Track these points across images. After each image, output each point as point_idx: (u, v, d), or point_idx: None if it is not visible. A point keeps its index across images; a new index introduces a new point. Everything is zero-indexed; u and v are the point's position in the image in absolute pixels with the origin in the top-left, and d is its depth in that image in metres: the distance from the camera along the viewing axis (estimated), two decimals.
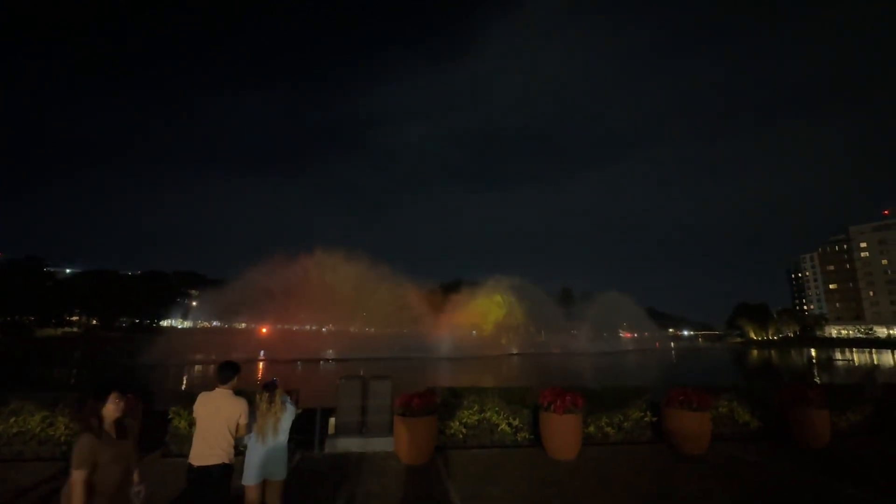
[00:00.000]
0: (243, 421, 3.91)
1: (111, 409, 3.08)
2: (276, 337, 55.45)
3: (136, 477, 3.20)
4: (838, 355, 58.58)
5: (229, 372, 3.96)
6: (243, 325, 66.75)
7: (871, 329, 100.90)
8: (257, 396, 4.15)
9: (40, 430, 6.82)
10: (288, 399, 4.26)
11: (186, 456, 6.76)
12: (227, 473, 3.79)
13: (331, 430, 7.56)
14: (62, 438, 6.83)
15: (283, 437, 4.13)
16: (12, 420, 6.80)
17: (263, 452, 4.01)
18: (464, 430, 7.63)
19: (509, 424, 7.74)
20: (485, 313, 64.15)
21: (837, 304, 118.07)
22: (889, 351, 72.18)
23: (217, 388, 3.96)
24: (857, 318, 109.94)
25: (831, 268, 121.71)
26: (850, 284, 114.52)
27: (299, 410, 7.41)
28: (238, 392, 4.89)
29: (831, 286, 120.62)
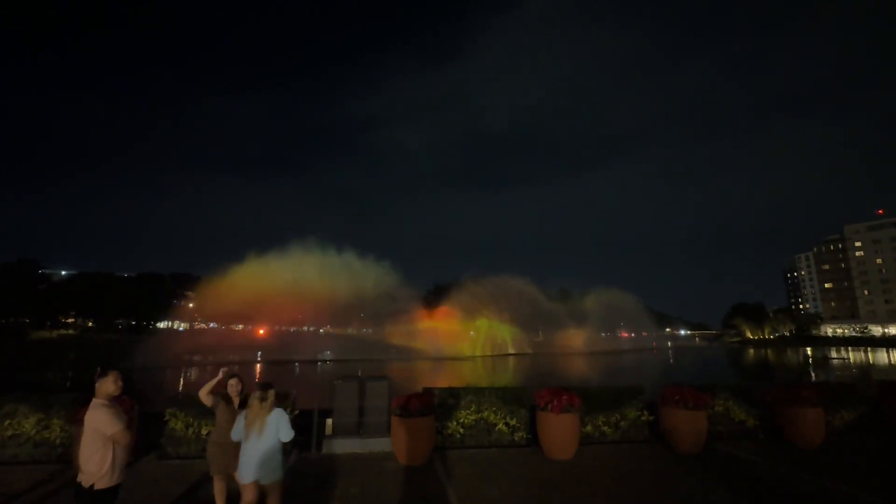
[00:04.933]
0: (109, 431, 3.23)
1: (233, 385, 4.82)
2: (274, 338, 55.31)
3: None
4: (834, 354, 58.96)
5: (98, 378, 3.39)
6: (240, 326, 66.58)
7: (866, 328, 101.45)
8: (251, 395, 4.20)
9: (35, 433, 6.77)
10: (281, 411, 4.25)
11: (183, 458, 6.82)
12: (86, 498, 3.17)
13: (328, 430, 7.54)
14: (57, 441, 6.78)
15: (271, 439, 4.09)
16: (7, 423, 6.75)
17: (252, 453, 4.02)
18: (461, 431, 7.63)
19: (507, 424, 7.74)
20: (473, 331, 62.43)
21: (833, 304, 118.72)
22: (884, 349, 72.69)
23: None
24: (852, 316, 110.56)
25: (826, 267, 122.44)
26: (846, 283, 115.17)
27: (296, 412, 7.43)
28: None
29: (826, 285, 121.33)
